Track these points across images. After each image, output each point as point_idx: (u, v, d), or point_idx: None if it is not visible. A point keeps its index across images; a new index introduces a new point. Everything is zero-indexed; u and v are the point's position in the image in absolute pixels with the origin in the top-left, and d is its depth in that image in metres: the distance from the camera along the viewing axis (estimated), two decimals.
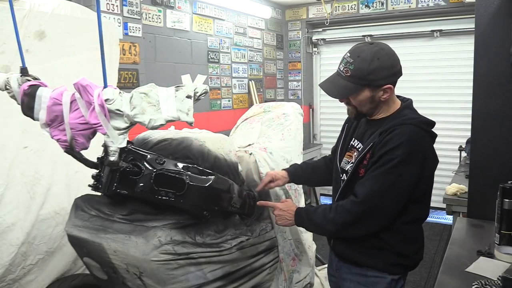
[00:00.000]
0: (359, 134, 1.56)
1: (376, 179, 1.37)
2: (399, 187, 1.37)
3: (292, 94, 5.64)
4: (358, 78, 1.40)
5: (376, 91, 1.42)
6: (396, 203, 1.39)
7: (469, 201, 2.11)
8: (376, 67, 1.39)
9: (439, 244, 4.12)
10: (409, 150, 1.34)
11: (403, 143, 1.34)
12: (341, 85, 1.44)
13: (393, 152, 1.35)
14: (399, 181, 1.36)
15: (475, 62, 2.01)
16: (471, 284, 1.30)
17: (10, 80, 1.45)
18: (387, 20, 5.03)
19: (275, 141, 2.03)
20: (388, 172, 1.35)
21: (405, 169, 1.35)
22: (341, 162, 1.59)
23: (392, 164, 1.34)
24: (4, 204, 1.85)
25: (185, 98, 1.32)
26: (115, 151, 1.36)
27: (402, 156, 1.33)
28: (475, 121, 2.04)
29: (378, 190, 1.36)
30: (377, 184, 1.36)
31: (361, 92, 1.42)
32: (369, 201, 1.37)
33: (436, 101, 4.90)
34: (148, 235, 1.40)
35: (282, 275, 1.93)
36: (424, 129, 1.41)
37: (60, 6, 2.07)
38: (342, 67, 1.44)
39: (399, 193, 1.38)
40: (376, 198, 1.36)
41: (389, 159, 1.35)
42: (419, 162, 1.38)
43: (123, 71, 3.14)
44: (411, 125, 1.39)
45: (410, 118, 1.43)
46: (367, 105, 1.46)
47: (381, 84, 1.41)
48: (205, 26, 4.14)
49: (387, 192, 1.36)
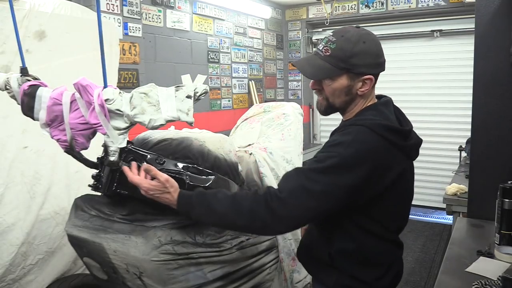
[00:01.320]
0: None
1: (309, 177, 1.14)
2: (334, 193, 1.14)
3: (292, 94, 5.64)
4: (339, 59, 1.20)
5: (354, 81, 1.22)
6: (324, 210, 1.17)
7: (469, 201, 2.11)
8: (361, 50, 1.20)
9: (439, 244, 4.12)
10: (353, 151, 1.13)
11: (346, 142, 1.15)
12: (317, 65, 1.23)
13: (333, 149, 1.16)
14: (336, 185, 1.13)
15: (475, 62, 2.01)
16: (471, 284, 1.30)
17: (10, 80, 1.45)
18: (387, 20, 5.03)
19: (275, 141, 2.03)
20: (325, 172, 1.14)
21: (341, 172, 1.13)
22: None
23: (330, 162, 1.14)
24: (4, 204, 1.85)
25: (185, 98, 1.32)
26: (115, 151, 1.36)
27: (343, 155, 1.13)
28: (475, 121, 2.04)
29: (309, 189, 1.13)
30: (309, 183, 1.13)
31: (338, 78, 1.22)
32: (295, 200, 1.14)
33: (436, 101, 4.90)
34: (148, 235, 1.40)
35: (282, 275, 1.93)
36: (380, 134, 1.17)
37: (60, 6, 2.07)
38: (321, 47, 1.24)
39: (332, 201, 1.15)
40: (304, 198, 1.13)
41: (327, 156, 1.15)
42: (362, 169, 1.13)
43: (123, 71, 3.14)
44: (361, 126, 1.18)
45: (361, 119, 1.22)
46: (341, 96, 1.25)
47: (362, 72, 1.21)
48: (205, 26, 4.15)
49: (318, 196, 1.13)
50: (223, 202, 1.22)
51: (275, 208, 1.14)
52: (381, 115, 1.23)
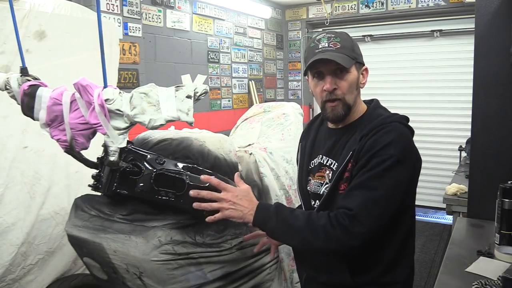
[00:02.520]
0: (327, 150, 1.31)
1: (369, 186, 1.13)
2: (397, 193, 1.16)
3: (292, 94, 5.64)
4: (349, 49, 1.20)
5: (359, 71, 1.25)
6: (391, 214, 1.16)
7: (469, 201, 2.10)
8: (354, 42, 1.25)
9: (439, 244, 4.12)
10: (402, 147, 1.15)
11: (393, 140, 1.15)
12: (338, 56, 1.18)
13: (384, 152, 1.14)
14: (397, 186, 1.15)
15: (475, 62, 2.01)
16: (471, 284, 1.30)
17: (10, 80, 1.46)
18: (387, 20, 5.03)
19: (275, 141, 2.04)
20: (382, 176, 1.13)
21: (400, 171, 1.14)
22: (309, 185, 1.34)
23: (386, 165, 1.13)
24: (4, 204, 1.85)
25: (185, 98, 1.32)
26: (115, 151, 1.36)
27: (396, 156, 1.13)
28: (475, 121, 2.04)
29: (374, 198, 1.12)
30: (372, 191, 1.12)
31: (352, 69, 1.21)
32: (367, 214, 1.12)
33: (436, 101, 4.90)
34: (148, 235, 1.40)
35: (282, 275, 1.93)
36: (407, 126, 1.23)
37: (60, 6, 2.07)
38: (326, 44, 1.21)
39: (396, 201, 1.17)
40: (374, 209, 1.12)
41: (381, 160, 1.13)
42: (412, 162, 1.18)
43: (123, 71, 3.14)
44: (395, 122, 1.20)
45: (389, 116, 1.24)
46: (353, 91, 1.24)
47: (362, 61, 1.26)
48: (205, 26, 4.15)
49: (385, 200, 1.13)
50: (299, 217, 1.17)
51: (349, 226, 1.11)
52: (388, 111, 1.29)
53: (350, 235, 1.11)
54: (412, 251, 1.33)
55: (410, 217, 1.27)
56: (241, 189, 1.26)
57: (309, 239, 1.15)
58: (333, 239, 1.13)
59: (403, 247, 1.26)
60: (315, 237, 1.14)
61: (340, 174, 1.21)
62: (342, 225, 1.12)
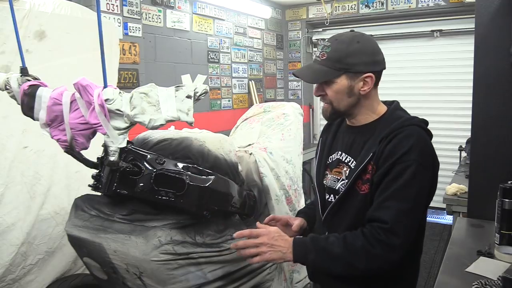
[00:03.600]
0: (346, 147, 1.34)
1: (399, 196, 1.15)
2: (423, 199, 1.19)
3: (292, 94, 5.64)
4: (335, 60, 1.22)
5: (354, 80, 1.23)
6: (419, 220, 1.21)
7: (469, 201, 2.10)
8: (355, 49, 1.22)
9: (439, 244, 4.12)
10: (421, 151, 1.17)
11: (413, 145, 1.17)
12: (316, 69, 1.25)
13: (405, 158, 1.16)
14: (422, 191, 1.18)
15: (475, 62, 2.01)
16: (471, 284, 1.30)
17: (10, 80, 1.46)
18: (387, 20, 5.03)
19: (275, 141, 2.03)
20: (410, 185, 1.15)
21: (423, 175, 1.17)
22: (325, 179, 1.38)
23: (410, 173, 1.15)
24: (4, 204, 1.85)
25: (185, 98, 1.32)
26: (115, 151, 1.36)
27: (417, 161, 1.15)
28: (475, 121, 2.04)
29: (406, 209, 1.15)
30: (403, 203, 1.15)
31: (337, 79, 1.23)
32: (402, 225, 1.14)
33: (436, 101, 4.90)
34: (148, 235, 1.40)
35: (282, 275, 1.93)
36: (425, 129, 1.25)
37: (60, 6, 2.07)
38: (318, 53, 1.27)
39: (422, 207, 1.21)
40: (407, 220, 1.15)
41: (404, 168, 1.16)
42: (431, 166, 1.20)
43: (123, 71, 3.14)
44: (414, 126, 1.22)
45: (409, 119, 1.26)
46: (345, 99, 1.25)
47: (361, 70, 1.22)
48: (205, 26, 4.15)
49: (415, 209, 1.17)
50: (336, 244, 1.18)
51: (386, 241, 1.14)
52: (408, 113, 1.30)
53: (389, 249, 1.14)
54: (420, 250, 1.37)
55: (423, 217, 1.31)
56: (273, 231, 1.27)
57: (351, 263, 1.16)
58: (374, 258, 1.15)
59: (414, 246, 1.28)
60: (356, 260, 1.16)
61: (359, 173, 1.23)
62: (380, 241, 1.14)
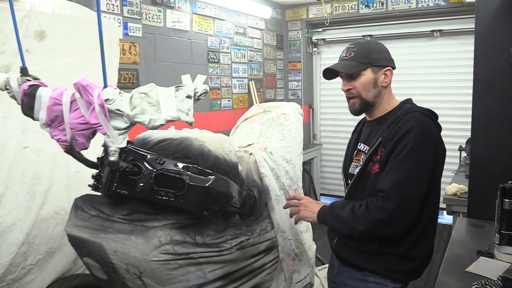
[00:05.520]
0: (364, 138, 1.57)
1: (397, 169, 1.34)
2: (421, 172, 1.34)
3: (292, 94, 5.64)
4: (362, 56, 1.46)
5: (378, 73, 1.47)
6: (421, 192, 1.35)
7: (469, 201, 2.10)
8: (376, 48, 1.49)
9: (439, 244, 4.12)
10: (421, 131, 1.34)
11: (413, 126, 1.34)
12: (348, 64, 1.48)
13: (405, 137, 1.34)
14: (419, 166, 1.34)
15: (475, 62, 2.01)
16: (471, 284, 1.30)
17: (10, 80, 1.45)
18: (387, 20, 5.03)
19: (275, 141, 2.03)
20: (407, 159, 1.32)
21: (421, 152, 1.34)
22: (350, 168, 1.59)
23: (408, 149, 1.33)
24: (4, 204, 1.85)
25: (185, 98, 1.32)
26: (115, 151, 1.36)
27: (416, 139, 1.33)
28: (475, 121, 2.04)
29: (401, 179, 1.32)
30: (399, 173, 1.33)
31: (365, 72, 1.46)
32: (396, 192, 1.31)
33: (436, 101, 4.89)
34: (148, 235, 1.40)
35: (282, 275, 1.93)
36: (429, 117, 1.42)
37: (60, 6, 2.07)
38: (344, 54, 1.51)
39: (422, 180, 1.35)
40: (402, 188, 1.32)
41: (404, 145, 1.34)
42: (433, 145, 1.37)
43: (123, 71, 3.14)
44: (416, 112, 1.40)
45: (412, 108, 1.46)
46: (371, 89, 1.47)
47: (383, 64, 1.47)
48: (205, 26, 4.14)
49: (411, 180, 1.32)
50: (346, 211, 1.39)
51: (381, 205, 1.32)
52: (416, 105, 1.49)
53: (381, 211, 1.32)
54: (434, 231, 1.50)
55: (434, 199, 1.45)
56: (307, 198, 1.57)
57: (353, 226, 1.37)
58: (370, 221, 1.34)
59: (428, 226, 1.44)
60: (357, 223, 1.36)
61: (370, 156, 1.44)
62: (376, 206, 1.33)
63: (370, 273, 1.46)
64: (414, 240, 1.41)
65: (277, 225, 1.86)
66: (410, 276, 1.47)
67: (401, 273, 1.44)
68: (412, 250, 1.42)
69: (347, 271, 1.53)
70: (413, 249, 1.42)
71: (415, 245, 1.42)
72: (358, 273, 1.49)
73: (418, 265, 1.45)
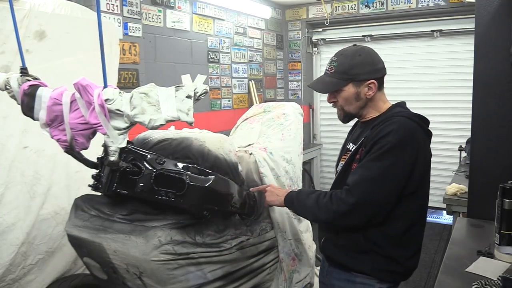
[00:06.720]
0: (353, 138, 1.60)
1: (367, 166, 1.36)
2: (391, 175, 1.34)
3: (292, 94, 5.64)
4: (341, 73, 1.46)
5: (360, 87, 1.46)
6: (387, 193, 1.36)
7: (469, 201, 2.11)
8: (358, 62, 1.45)
9: (439, 244, 4.12)
10: (400, 137, 1.34)
11: (393, 130, 1.35)
12: (326, 81, 1.51)
13: (383, 139, 1.35)
14: (391, 168, 1.34)
15: (475, 62, 2.01)
16: (471, 284, 1.30)
17: (10, 80, 1.45)
18: (387, 20, 5.03)
19: (275, 141, 2.03)
20: (379, 159, 1.34)
21: (396, 156, 1.34)
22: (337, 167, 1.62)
23: (383, 150, 1.34)
24: (4, 204, 1.85)
25: (185, 98, 1.32)
26: (115, 151, 1.36)
27: (393, 142, 1.33)
28: (475, 121, 2.04)
29: (368, 176, 1.34)
30: (367, 171, 1.35)
31: (345, 88, 1.47)
32: (360, 188, 1.34)
33: (436, 101, 4.90)
34: (148, 235, 1.40)
35: (282, 275, 1.93)
36: (416, 122, 1.41)
37: (60, 6, 2.07)
38: (327, 67, 1.52)
39: (390, 182, 1.35)
40: (367, 185, 1.34)
41: (380, 146, 1.35)
42: (411, 151, 1.36)
43: (123, 71, 3.14)
44: (401, 117, 1.41)
45: (400, 112, 1.45)
46: (353, 102, 1.49)
47: (364, 78, 1.45)
48: (205, 26, 4.15)
49: (378, 179, 1.34)
50: (311, 198, 1.45)
51: (344, 198, 1.36)
52: (408, 110, 1.49)
53: (341, 203, 1.36)
54: (420, 236, 1.52)
55: (416, 206, 1.46)
56: (273, 184, 1.71)
57: (316, 214, 1.43)
58: (332, 212, 1.39)
59: (410, 229, 1.44)
60: (320, 212, 1.42)
61: (352, 155, 1.47)
62: (338, 198, 1.38)
63: (357, 273, 1.47)
64: (397, 242, 1.43)
65: (277, 225, 1.87)
66: (396, 277, 1.48)
67: (387, 273, 1.45)
68: (396, 251, 1.43)
69: (335, 272, 1.55)
70: (397, 250, 1.43)
71: (399, 246, 1.44)
72: (345, 274, 1.51)
73: (404, 266, 1.46)
